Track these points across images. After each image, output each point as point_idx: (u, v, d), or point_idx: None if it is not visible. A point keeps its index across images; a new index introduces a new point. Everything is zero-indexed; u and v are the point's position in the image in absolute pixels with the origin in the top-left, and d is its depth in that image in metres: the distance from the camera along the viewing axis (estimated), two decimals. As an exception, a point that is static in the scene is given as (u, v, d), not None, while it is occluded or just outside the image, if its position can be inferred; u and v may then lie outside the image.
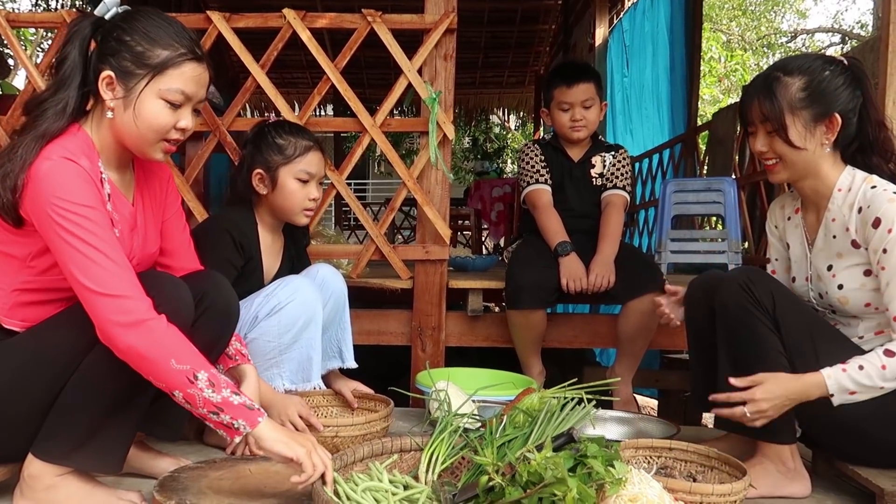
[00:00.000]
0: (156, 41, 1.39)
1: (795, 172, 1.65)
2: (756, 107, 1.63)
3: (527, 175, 2.60)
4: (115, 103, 1.39)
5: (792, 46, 16.26)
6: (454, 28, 2.41)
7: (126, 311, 1.27)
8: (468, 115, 9.41)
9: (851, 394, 1.50)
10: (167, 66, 1.39)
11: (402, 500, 1.36)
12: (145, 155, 1.46)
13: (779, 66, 1.64)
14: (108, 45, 1.40)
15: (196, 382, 1.28)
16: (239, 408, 1.30)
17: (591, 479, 1.20)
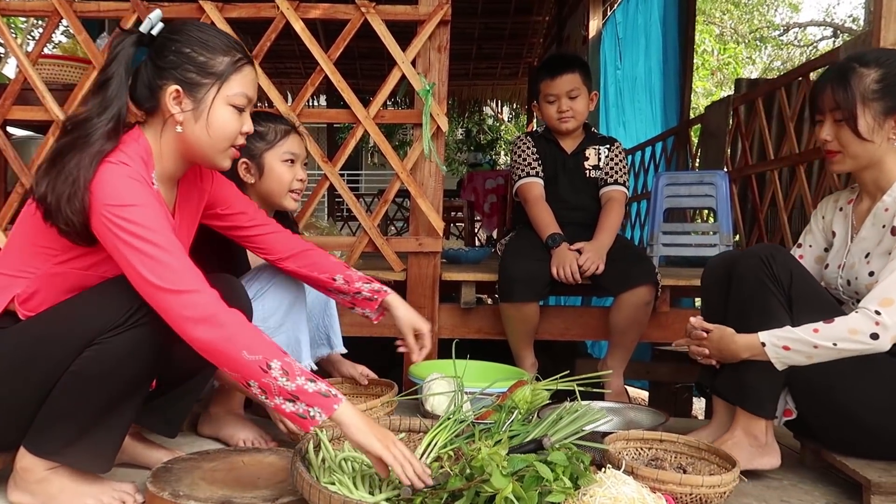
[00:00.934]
0: (214, 49, 1.40)
1: (857, 164, 1.66)
2: (828, 94, 1.63)
3: (518, 168, 2.60)
4: (185, 116, 1.40)
5: (784, 40, 16.29)
6: (448, 19, 2.40)
7: (194, 305, 1.26)
8: (461, 107, 9.40)
9: (785, 349, 1.54)
10: (231, 72, 1.41)
11: (373, 475, 1.38)
12: (214, 164, 1.48)
13: (855, 57, 1.65)
14: (166, 59, 1.39)
15: (270, 371, 1.26)
16: (314, 395, 1.27)
17: (537, 483, 1.20)
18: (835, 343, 1.49)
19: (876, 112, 1.60)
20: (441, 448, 1.44)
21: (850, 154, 1.65)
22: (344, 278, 1.79)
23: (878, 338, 1.47)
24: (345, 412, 1.28)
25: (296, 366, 1.29)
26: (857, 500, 1.57)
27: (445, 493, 1.22)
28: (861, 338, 1.47)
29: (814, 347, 1.51)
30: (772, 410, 1.66)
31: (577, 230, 2.45)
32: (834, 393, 1.57)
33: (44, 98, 2.35)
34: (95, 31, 2.94)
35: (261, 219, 1.75)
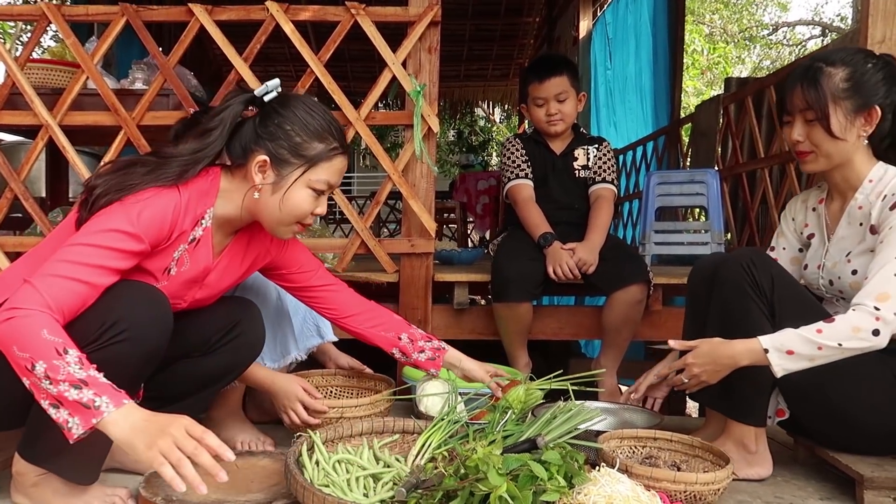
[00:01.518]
0: (313, 133, 1.44)
1: (830, 163, 1.67)
2: (799, 94, 1.64)
3: (508, 170, 2.61)
4: (265, 186, 1.44)
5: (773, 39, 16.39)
6: (438, 20, 2.40)
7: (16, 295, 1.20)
8: (453, 108, 9.40)
9: (789, 353, 1.49)
10: (321, 159, 1.45)
11: (367, 477, 1.38)
12: (275, 233, 1.52)
13: (820, 57, 1.66)
14: (266, 129, 1.43)
15: (34, 372, 1.14)
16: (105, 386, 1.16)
17: (531, 482, 1.20)
18: (840, 343, 1.46)
19: (847, 110, 1.60)
20: (435, 449, 1.44)
21: (823, 153, 1.65)
22: (408, 336, 1.82)
23: (879, 334, 1.46)
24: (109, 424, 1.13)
25: (65, 371, 1.15)
26: (850, 496, 1.58)
27: (440, 492, 1.22)
28: (864, 335, 1.46)
29: (818, 349, 1.47)
30: (762, 417, 1.65)
31: (568, 230, 2.45)
32: (825, 391, 1.57)
33: (32, 103, 2.33)
34: (84, 35, 2.92)
35: (327, 278, 1.78)
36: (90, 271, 1.26)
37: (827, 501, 1.58)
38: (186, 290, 1.51)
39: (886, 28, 2.19)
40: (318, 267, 1.78)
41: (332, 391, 2.10)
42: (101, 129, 2.42)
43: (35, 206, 2.39)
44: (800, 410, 1.67)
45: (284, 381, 1.79)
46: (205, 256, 1.49)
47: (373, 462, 1.46)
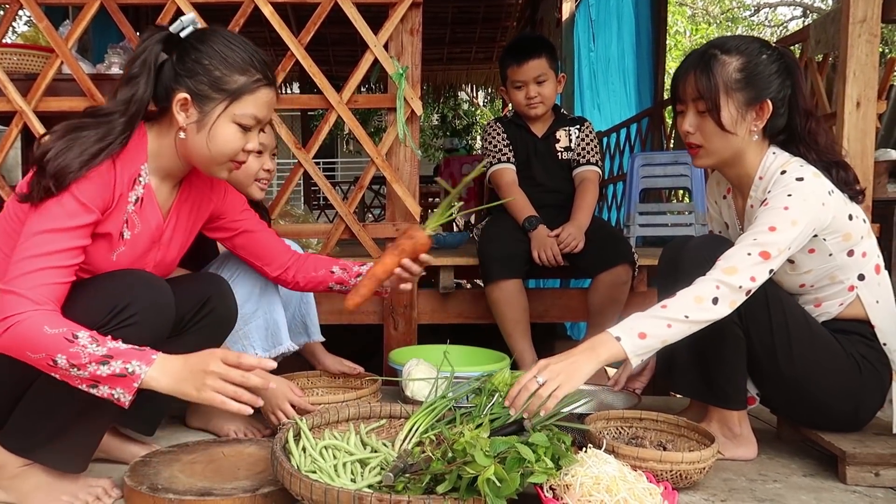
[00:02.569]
0: (233, 67, 1.39)
1: (720, 158, 1.62)
2: (691, 82, 1.58)
3: (490, 155, 2.59)
4: (189, 125, 1.39)
5: (755, 20, 16.42)
6: (420, 2, 2.38)
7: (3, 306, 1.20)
8: (436, 92, 9.34)
9: (641, 337, 1.42)
10: (244, 92, 1.40)
11: (355, 462, 1.38)
12: (212, 174, 1.48)
13: (717, 44, 1.59)
14: (185, 65, 1.38)
15: (57, 366, 1.19)
16: (129, 351, 1.21)
17: (519, 465, 1.19)
18: (686, 315, 1.43)
19: (739, 103, 1.54)
20: (423, 433, 1.44)
21: (713, 148, 1.59)
22: (340, 266, 1.80)
23: (718, 302, 1.44)
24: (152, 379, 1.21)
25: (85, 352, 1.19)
26: (832, 472, 1.60)
27: (427, 476, 1.22)
28: (706, 305, 1.44)
29: (667, 327, 1.43)
30: (741, 401, 1.66)
31: (553, 212, 2.45)
32: (782, 369, 1.58)
33: (6, 88, 2.28)
34: (58, 19, 2.86)
35: (261, 224, 1.76)
36: (60, 257, 1.26)
37: (810, 478, 1.60)
38: (146, 252, 1.48)
39: (868, 7, 2.20)
40: (259, 222, 1.75)
41: (317, 392, 2.09)
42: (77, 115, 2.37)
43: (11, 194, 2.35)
44: (769, 395, 1.70)
45: (274, 381, 1.77)
46: (154, 215, 1.46)
47: (360, 447, 1.46)
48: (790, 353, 1.57)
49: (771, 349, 1.58)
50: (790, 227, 1.47)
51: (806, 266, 1.59)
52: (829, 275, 1.60)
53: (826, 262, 1.58)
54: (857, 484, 1.54)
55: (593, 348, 1.44)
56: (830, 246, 1.56)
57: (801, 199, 1.49)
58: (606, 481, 1.24)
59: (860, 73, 2.21)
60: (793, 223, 1.47)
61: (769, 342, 1.58)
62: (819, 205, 1.50)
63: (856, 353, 1.59)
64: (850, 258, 1.58)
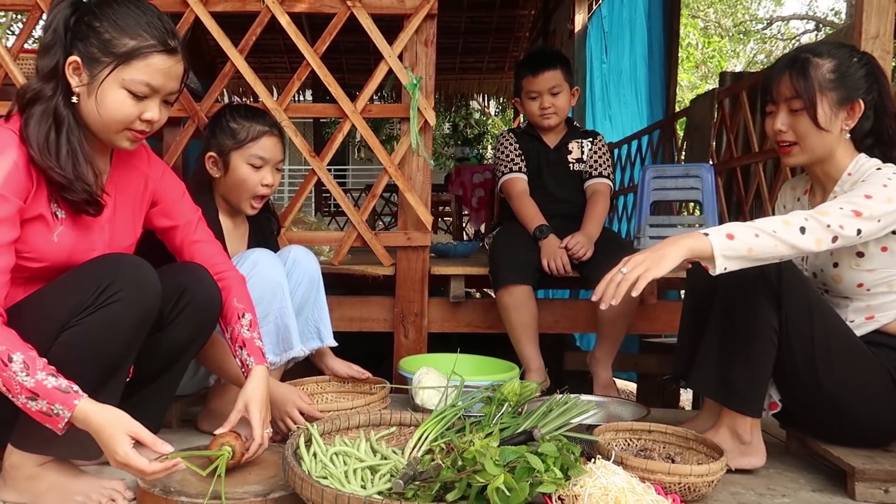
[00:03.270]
0: (124, 30, 1.36)
1: (813, 156, 1.67)
2: (786, 83, 1.64)
3: (502, 164, 2.62)
4: (80, 89, 1.38)
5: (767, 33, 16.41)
6: (435, 13, 2.40)
7: None
8: (448, 101, 9.38)
9: (729, 237, 1.43)
10: (133, 56, 1.36)
11: (365, 469, 1.39)
12: (111, 142, 1.44)
13: (807, 49, 1.67)
14: (79, 28, 1.37)
15: (9, 365, 1.19)
16: (52, 391, 1.21)
17: (528, 474, 1.20)
18: (774, 230, 1.45)
19: (832, 101, 1.61)
20: (432, 441, 1.45)
21: (807, 146, 1.65)
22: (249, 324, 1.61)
23: (805, 231, 1.45)
24: (85, 412, 1.22)
25: (40, 361, 1.22)
26: (841, 487, 1.60)
27: (437, 484, 1.23)
28: (793, 228, 1.45)
29: (755, 236, 1.44)
30: (757, 409, 1.65)
31: (564, 222, 2.46)
32: (819, 379, 1.58)
33: (26, 94, 2.32)
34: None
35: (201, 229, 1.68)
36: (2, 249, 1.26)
37: (818, 493, 1.59)
38: (89, 233, 1.45)
39: (880, 23, 2.20)
40: (195, 213, 1.67)
41: (326, 398, 2.10)
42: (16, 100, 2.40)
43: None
44: (793, 399, 1.68)
45: (283, 388, 1.78)
46: None
47: (370, 454, 1.47)
48: (830, 364, 1.57)
49: (810, 358, 1.57)
50: (885, 201, 1.51)
51: (872, 263, 1.61)
52: (888, 281, 1.61)
53: (891, 265, 1.60)
54: (866, 500, 1.53)
55: (680, 239, 1.46)
56: None
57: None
58: (615, 492, 1.25)
59: (873, 88, 2.21)
60: (889, 199, 1.51)
61: (809, 351, 1.57)
62: None
63: (892, 368, 1.59)
64: None
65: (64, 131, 1.35)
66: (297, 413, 1.75)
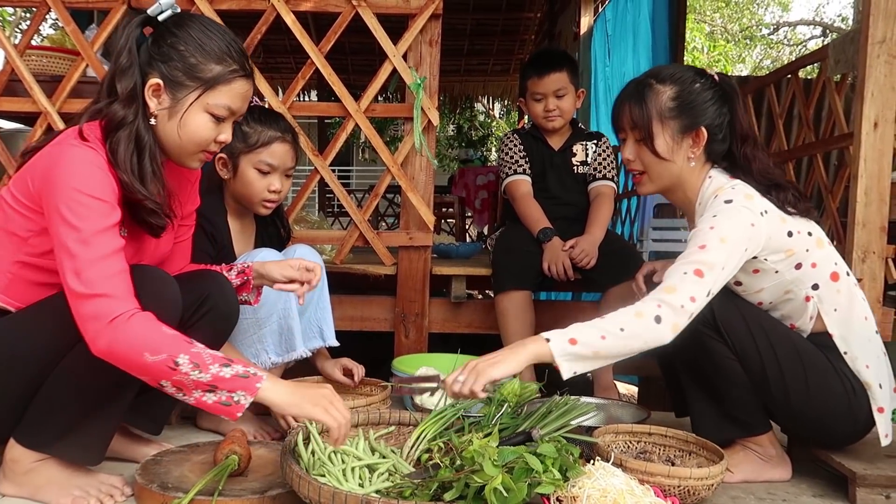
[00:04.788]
0: (209, 54, 1.38)
1: (661, 184, 1.65)
2: (626, 112, 1.62)
3: (506, 166, 2.61)
4: (161, 112, 1.38)
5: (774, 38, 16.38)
6: (440, 14, 2.40)
7: (92, 310, 1.22)
8: (453, 103, 9.37)
9: (572, 342, 1.41)
10: (219, 81, 1.38)
11: (363, 467, 1.39)
12: (182, 163, 1.47)
13: (652, 73, 1.64)
14: (160, 50, 1.37)
15: (178, 368, 1.20)
16: (233, 379, 1.22)
17: (527, 475, 1.20)
18: (622, 328, 1.42)
19: (673, 131, 1.58)
20: (431, 440, 1.45)
21: (654, 175, 1.63)
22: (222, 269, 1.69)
23: (661, 321, 1.43)
24: (269, 389, 1.25)
25: (206, 354, 1.24)
26: (842, 493, 1.59)
27: (435, 483, 1.23)
28: (647, 320, 1.42)
29: (601, 338, 1.41)
30: (764, 424, 1.66)
31: (567, 225, 2.45)
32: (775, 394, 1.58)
33: (32, 89, 2.32)
34: (84, 23, 2.91)
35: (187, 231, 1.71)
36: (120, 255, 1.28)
37: (819, 498, 1.59)
38: (142, 248, 1.48)
39: (887, 28, 2.20)
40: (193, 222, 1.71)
41: None
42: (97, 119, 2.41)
43: (33, 193, 2.39)
44: (773, 417, 1.69)
45: None
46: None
47: (368, 453, 1.47)
48: (781, 375, 1.57)
49: (763, 377, 1.58)
50: (718, 244, 1.48)
51: (756, 286, 1.60)
52: (783, 290, 1.60)
53: (775, 279, 1.58)
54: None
55: (519, 346, 1.45)
56: (774, 264, 1.56)
57: (726, 218, 1.51)
58: (614, 494, 1.24)
59: (878, 93, 2.21)
60: (721, 240, 1.48)
61: (760, 370, 1.58)
62: (747, 225, 1.51)
63: (835, 364, 1.58)
64: (798, 271, 1.58)
65: (147, 155, 1.36)
66: None
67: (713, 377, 1.62)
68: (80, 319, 1.23)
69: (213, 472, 1.38)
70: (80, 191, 1.25)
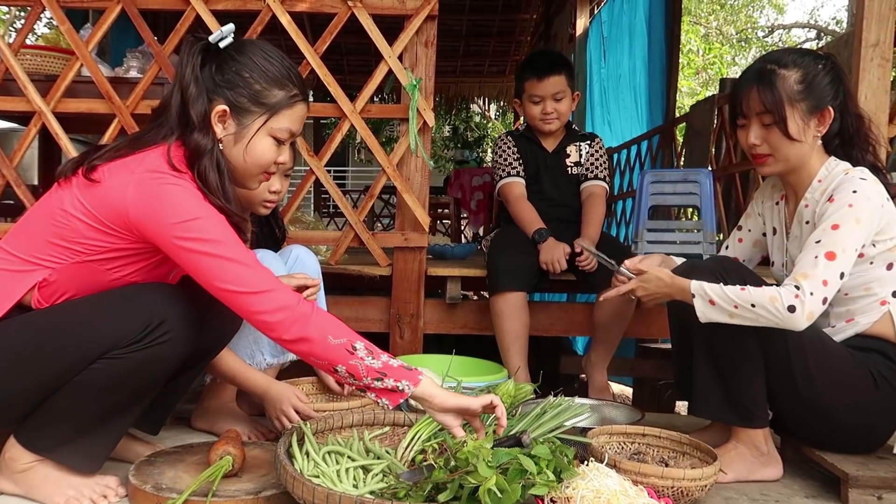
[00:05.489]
0: (273, 80, 1.41)
1: (787, 165, 1.67)
2: (754, 98, 1.63)
3: (499, 168, 2.61)
4: (227, 137, 1.41)
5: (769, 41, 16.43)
6: (435, 15, 2.40)
7: (275, 303, 1.27)
8: (449, 104, 9.39)
9: (711, 303, 1.54)
10: (282, 106, 1.42)
11: (357, 468, 1.39)
12: (244, 185, 1.51)
13: (772, 59, 1.65)
14: (224, 77, 1.39)
15: (356, 353, 1.29)
16: (399, 370, 1.31)
17: (521, 476, 1.20)
18: (753, 304, 1.49)
19: (803, 112, 1.61)
20: (425, 441, 1.45)
21: (782, 157, 1.65)
22: None
23: (795, 311, 1.47)
24: (428, 383, 1.32)
25: (373, 346, 1.33)
26: (835, 494, 1.60)
27: (429, 484, 1.23)
28: (778, 306, 1.47)
29: (734, 307, 1.51)
30: (765, 419, 1.66)
31: (561, 226, 2.46)
32: (805, 391, 1.58)
33: (26, 89, 2.32)
34: (79, 22, 2.91)
35: None
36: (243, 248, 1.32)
37: (812, 499, 1.59)
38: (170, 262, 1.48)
39: (880, 31, 2.21)
40: None
41: (320, 398, 2.09)
42: (95, 117, 2.41)
43: (27, 193, 2.38)
44: (782, 409, 1.69)
45: (280, 386, 1.78)
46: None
47: (363, 453, 1.47)
48: (808, 376, 1.57)
49: (789, 372, 1.58)
50: (854, 224, 1.52)
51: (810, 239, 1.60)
52: (864, 285, 1.61)
53: (865, 270, 1.60)
54: (860, 507, 1.53)
55: (673, 292, 1.64)
56: (875, 253, 1.58)
57: (865, 198, 1.54)
58: (607, 495, 1.25)
59: (872, 96, 2.22)
60: (857, 221, 1.52)
61: (787, 365, 1.58)
62: (879, 205, 1.55)
63: (874, 370, 1.59)
64: (888, 272, 1.60)
65: (227, 179, 1.39)
66: (293, 412, 1.74)
67: (729, 357, 1.62)
68: (261, 314, 1.27)
69: (207, 472, 1.38)
70: (199, 217, 1.29)
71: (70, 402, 1.33)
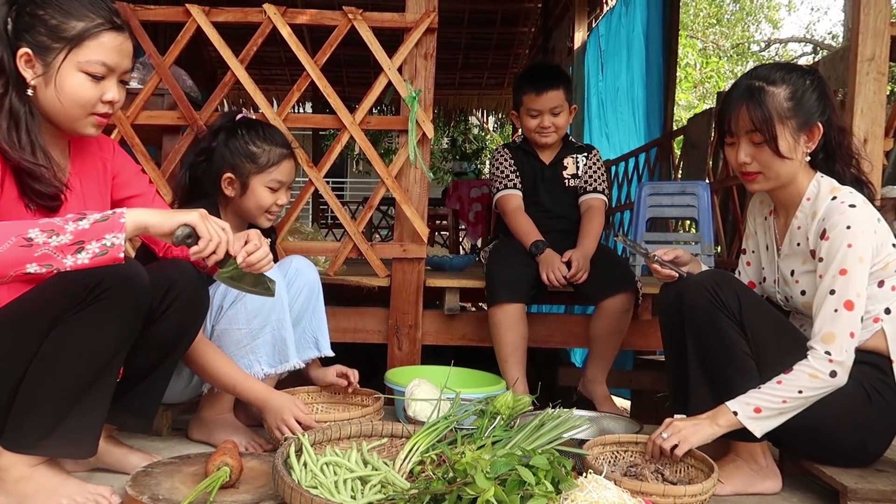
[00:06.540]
0: (70, 13, 1.36)
1: (778, 182, 1.66)
2: (743, 116, 1.61)
3: (497, 180, 2.61)
4: (36, 80, 1.37)
5: (765, 55, 16.55)
6: (435, 27, 2.42)
7: None
8: (447, 116, 9.43)
9: (757, 412, 1.53)
10: (84, 37, 1.36)
11: (355, 479, 1.38)
12: (76, 131, 1.43)
13: (760, 76, 1.63)
14: (22, 20, 1.36)
15: (34, 241, 1.18)
16: (95, 226, 1.21)
17: (519, 487, 1.20)
18: (800, 391, 1.51)
19: (792, 129, 1.60)
20: (423, 452, 1.45)
21: (772, 174, 1.64)
22: None
23: (836, 375, 1.51)
24: (135, 215, 1.26)
25: (57, 219, 1.23)
26: (833, 507, 1.60)
27: (428, 496, 1.23)
28: (823, 378, 1.51)
29: (783, 402, 1.52)
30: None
31: (559, 237, 2.46)
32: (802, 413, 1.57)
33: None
34: None
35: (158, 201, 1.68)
36: None
37: (811, 512, 1.59)
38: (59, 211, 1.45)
39: (876, 46, 2.23)
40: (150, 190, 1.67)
41: (318, 408, 2.09)
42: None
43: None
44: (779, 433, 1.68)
45: (280, 396, 1.77)
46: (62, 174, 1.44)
47: (361, 465, 1.46)
48: None
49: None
50: (858, 264, 1.53)
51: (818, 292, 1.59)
52: None
53: None
54: (858, 520, 1.53)
55: (714, 416, 1.57)
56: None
57: (860, 231, 1.54)
58: (606, 507, 1.24)
59: (867, 110, 2.24)
60: (860, 260, 1.53)
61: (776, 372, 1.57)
62: (872, 231, 1.56)
63: (867, 384, 1.59)
64: (879, 289, 1.59)
65: (23, 126, 1.35)
66: (294, 422, 1.73)
67: (721, 369, 1.61)
68: None
69: (205, 483, 1.38)
70: None
71: (39, 386, 1.32)
